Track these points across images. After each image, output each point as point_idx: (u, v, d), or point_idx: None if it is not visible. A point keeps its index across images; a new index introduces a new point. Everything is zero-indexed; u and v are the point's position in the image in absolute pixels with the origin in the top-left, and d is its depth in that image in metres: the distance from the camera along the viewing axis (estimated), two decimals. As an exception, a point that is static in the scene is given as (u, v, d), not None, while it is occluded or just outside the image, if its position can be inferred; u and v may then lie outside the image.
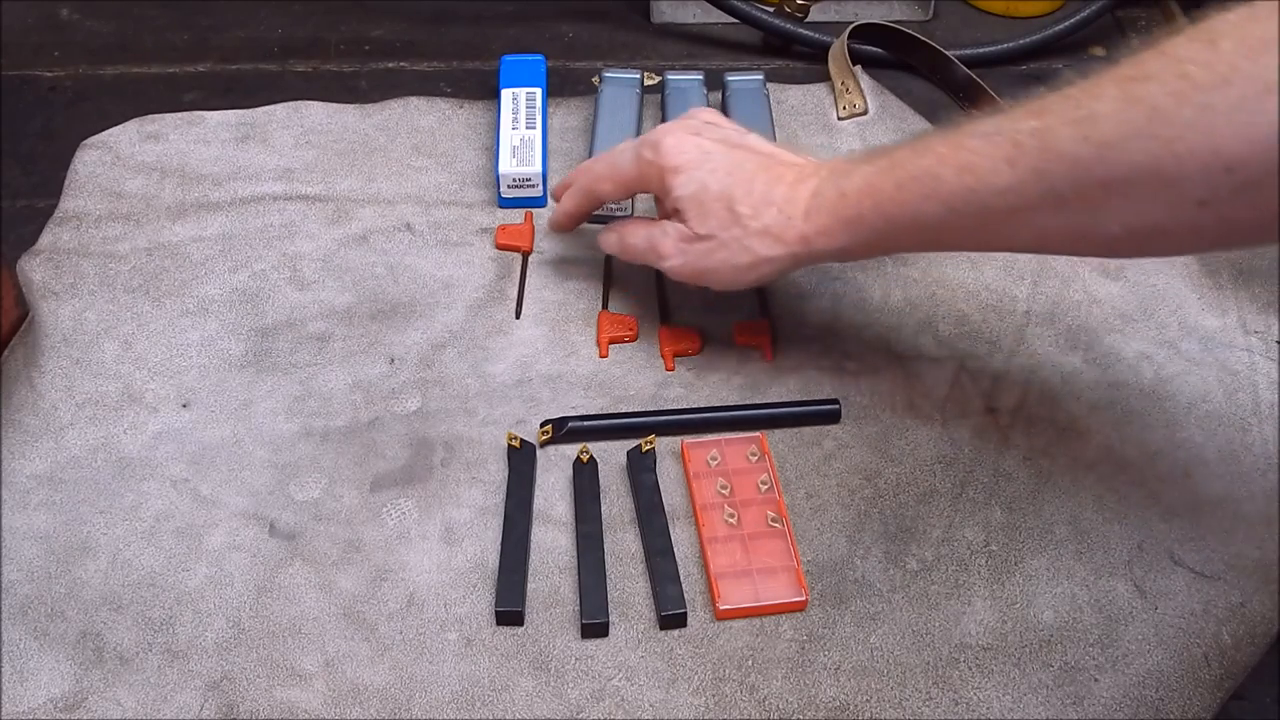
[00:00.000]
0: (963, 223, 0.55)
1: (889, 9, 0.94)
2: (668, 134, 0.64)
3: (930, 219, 0.55)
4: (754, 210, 0.61)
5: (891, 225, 0.57)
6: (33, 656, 0.55)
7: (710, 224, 0.62)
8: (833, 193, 0.59)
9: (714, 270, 0.63)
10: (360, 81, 0.88)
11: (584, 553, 0.59)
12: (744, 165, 0.62)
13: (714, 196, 0.62)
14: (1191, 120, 0.45)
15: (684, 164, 0.62)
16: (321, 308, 0.71)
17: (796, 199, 0.60)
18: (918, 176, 0.55)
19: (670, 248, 0.64)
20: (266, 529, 0.60)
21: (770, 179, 0.61)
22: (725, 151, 0.63)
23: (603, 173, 0.67)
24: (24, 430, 0.64)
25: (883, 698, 0.54)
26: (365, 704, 0.54)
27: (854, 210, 0.58)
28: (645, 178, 0.65)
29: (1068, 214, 0.51)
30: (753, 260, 0.61)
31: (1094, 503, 0.62)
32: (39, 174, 0.79)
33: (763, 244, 0.61)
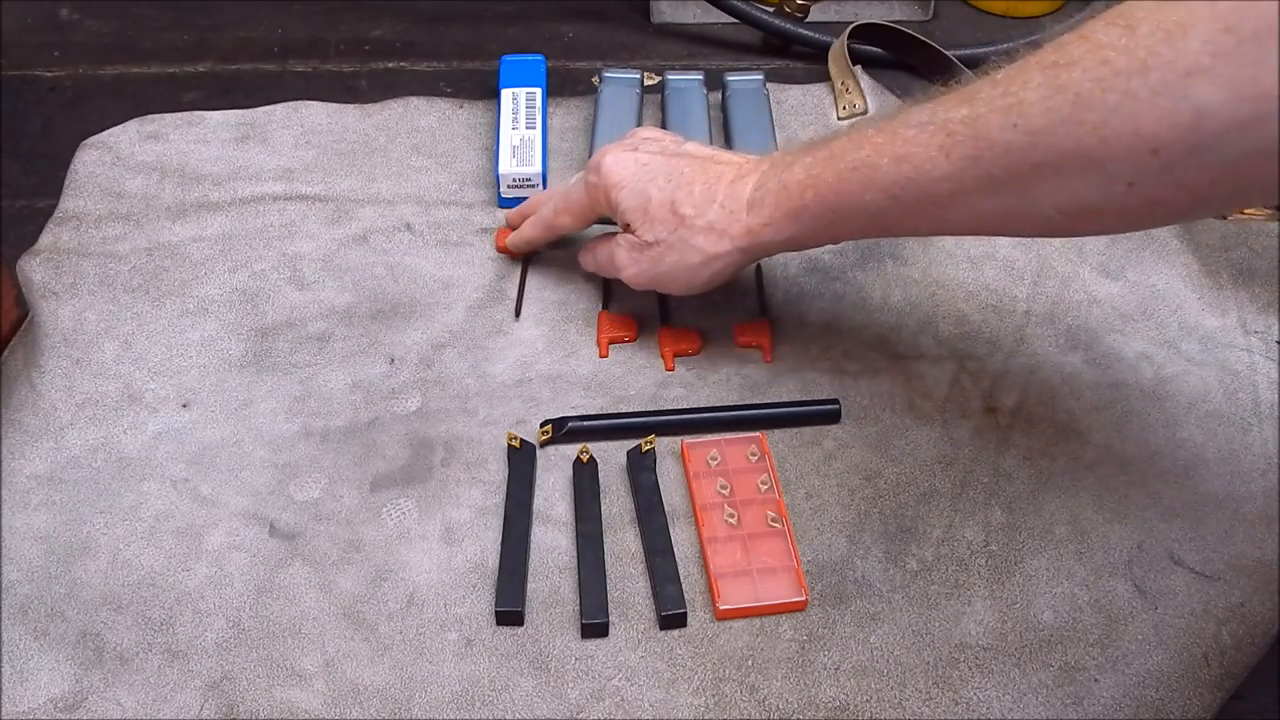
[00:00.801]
0: (904, 209, 0.56)
1: (889, 9, 0.94)
2: (606, 154, 0.66)
3: (872, 207, 0.57)
4: (697, 210, 0.62)
5: (835, 214, 0.58)
6: (33, 656, 0.55)
7: (657, 230, 0.63)
8: (775, 185, 0.60)
9: (668, 274, 0.64)
10: (360, 81, 0.88)
11: (584, 553, 0.59)
12: (683, 171, 0.63)
13: (657, 204, 0.63)
14: (1115, 106, 0.47)
15: (624, 178, 0.64)
16: (321, 308, 0.71)
17: (738, 194, 0.62)
18: (856, 167, 0.56)
19: (624, 258, 0.66)
20: (266, 529, 0.60)
21: (710, 179, 0.63)
22: (663, 161, 0.64)
23: (559, 206, 0.69)
24: (24, 430, 0.64)
25: (883, 698, 0.54)
26: (365, 704, 0.54)
27: (796, 201, 0.59)
28: (595, 201, 0.67)
29: (1003, 197, 0.52)
30: (702, 258, 0.63)
31: (1094, 503, 0.62)
32: (39, 174, 0.79)
33: (709, 241, 0.62)
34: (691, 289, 0.65)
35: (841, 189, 0.57)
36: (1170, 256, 0.74)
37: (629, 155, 0.65)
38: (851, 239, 0.66)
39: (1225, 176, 0.47)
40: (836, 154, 0.58)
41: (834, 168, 0.58)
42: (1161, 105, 0.45)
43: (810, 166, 0.59)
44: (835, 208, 0.58)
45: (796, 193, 0.59)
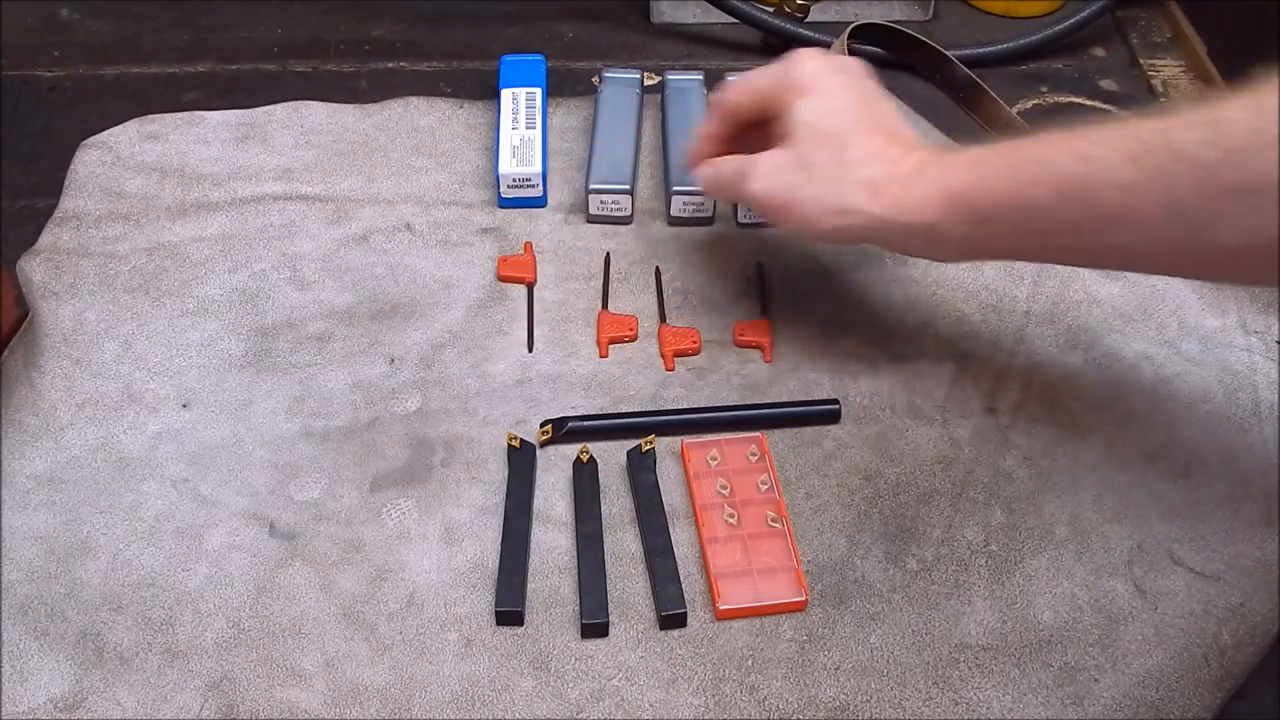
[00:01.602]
0: (1070, 216, 0.52)
1: (889, 9, 0.94)
2: (813, 58, 0.62)
3: (1036, 206, 0.53)
4: (864, 158, 0.58)
5: (994, 205, 0.54)
6: (33, 656, 0.55)
7: (816, 154, 0.59)
8: (940, 165, 0.57)
9: (799, 204, 0.60)
10: (360, 81, 0.88)
11: (584, 553, 0.59)
12: (870, 118, 0.60)
13: (829, 132, 0.59)
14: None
15: (818, 89, 0.61)
16: (321, 308, 0.71)
17: (905, 162, 0.58)
18: (1031, 159, 0.53)
19: (764, 170, 0.61)
20: (266, 529, 0.60)
21: (889, 140, 0.59)
22: (859, 99, 0.61)
23: (738, 84, 0.65)
24: (24, 430, 0.64)
25: (883, 698, 0.54)
26: (365, 704, 0.54)
27: (957, 183, 0.55)
28: (774, 89, 0.62)
29: (1183, 221, 0.49)
30: (843, 206, 0.58)
31: (1094, 503, 0.62)
32: (39, 174, 0.79)
33: (859, 194, 0.58)
34: (809, 230, 0.61)
35: (1009, 177, 0.54)
36: (1170, 256, 0.74)
37: (832, 72, 0.61)
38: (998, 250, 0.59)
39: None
40: (1013, 145, 0.54)
41: (1006, 156, 0.54)
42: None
43: (982, 153, 0.56)
44: (995, 197, 0.54)
45: (959, 172, 0.56)
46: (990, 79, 0.85)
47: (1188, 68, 0.91)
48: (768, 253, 0.75)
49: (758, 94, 0.64)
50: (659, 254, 0.75)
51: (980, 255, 0.60)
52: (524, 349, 0.69)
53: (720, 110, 0.67)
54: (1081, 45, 0.92)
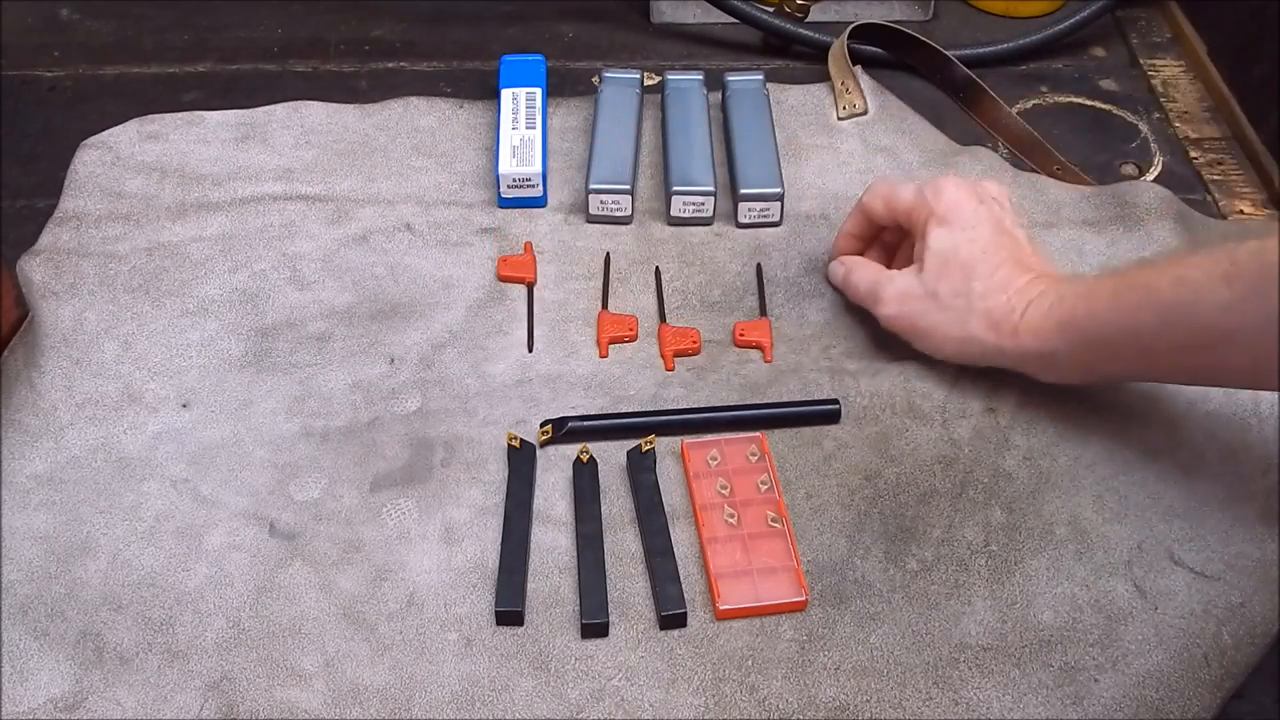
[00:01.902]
0: (1177, 338, 0.54)
1: (889, 9, 0.94)
2: (955, 188, 0.65)
3: (1143, 330, 0.56)
4: (986, 291, 0.62)
5: (1103, 331, 0.57)
6: (33, 656, 0.55)
7: (942, 285, 0.63)
8: (1054, 295, 0.60)
9: (924, 331, 0.64)
10: (360, 81, 0.88)
11: (584, 553, 0.59)
12: (1000, 249, 0.63)
13: (959, 263, 0.63)
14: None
15: (952, 219, 0.64)
16: (321, 308, 0.71)
17: (1026, 293, 0.61)
18: (1135, 285, 0.56)
19: (892, 295, 0.65)
20: (266, 529, 0.60)
21: (1014, 269, 0.62)
22: (992, 229, 0.64)
23: (882, 192, 0.68)
24: (24, 430, 0.64)
25: (883, 698, 0.54)
26: (365, 704, 0.54)
27: (1068, 312, 0.59)
28: (913, 212, 0.66)
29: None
30: (964, 336, 0.62)
31: (1094, 503, 0.62)
32: (39, 174, 0.79)
33: (979, 325, 0.62)
34: (934, 354, 0.65)
35: (1116, 303, 0.57)
36: (1170, 256, 0.74)
37: (972, 203, 0.64)
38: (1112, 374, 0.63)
39: None
40: (1119, 272, 0.58)
41: (1112, 283, 0.57)
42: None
43: (1091, 282, 0.59)
44: (1104, 324, 0.57)
45: (1071, 302, 0.59)
46: (990, 79, 0.85)
47: (1188, 68, 0.91)
48: (767, 253, 0.75)
49: (897, 210, 0.67)
50: (659, 254, 0.75)
51: (1096, 377, 0.63)
52: (524, 349, 0.69)
53: (860, 213, 0.70)
54: (1081, 45, 0.92)
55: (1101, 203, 0.77)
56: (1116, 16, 0.94)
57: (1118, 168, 0.83)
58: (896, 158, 0.81)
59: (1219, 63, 0.88)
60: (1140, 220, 0.76)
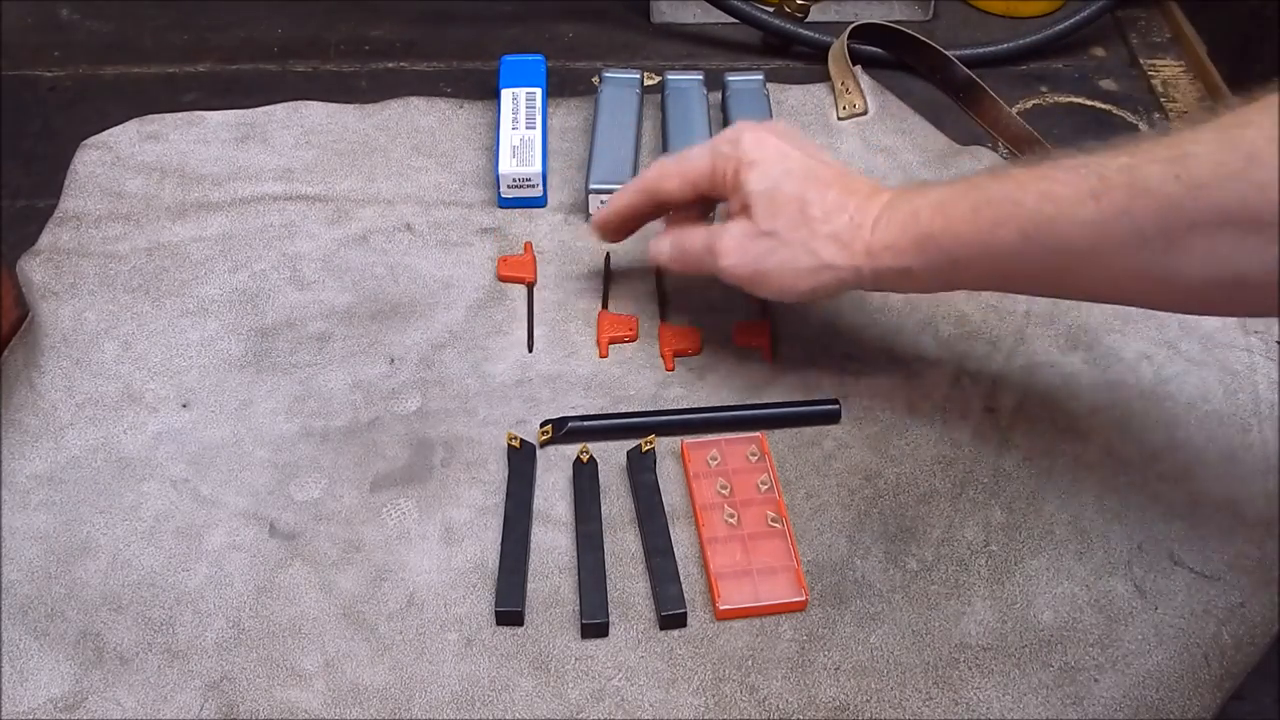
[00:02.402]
0: (1037, 254, 0.53)
1: (889, 9, 0.94)
2: (746, 130, 0.62)
3: (1004, 247, 0.54)
4: (825, 214, 0.59)
5: (962, 247, 0.55)
6: (33, 656, 0.55)
7: (778, 221, 0.60)
8: (905, 208, 0.57)
9: (773, 272, 0.61)
10: (360, 81, 0.88)
11: (584, 553, 0.59)
12: (820, 173, 0.61)
13: (787, 195, 0.60)
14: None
15: (761, 159, 0.61)
16: (321, 308, 0.71)
17: (868, 209, 0.58)
18: (995, 200, 0.54)
19: (729, 244, 0.61)
20: (266, 529, 0.60)
21: (844, 189, 0.60)
22: (803, 156, 0.61)
23: (670, 168, 0.65)
24: (24, 430, 0.64)
25: (883, 698, 0.54)
26: (365, 704, 0.54)
27: (925, 228, 0.56)
28: (717, 172, 0.62)
29: (1149, 255, 0.49)
30: (815, 264, 0.59)
31: (1094, 503, 0.62)
32: (39, 174, 0.79)
33: (829, 249, 0.59)
34: (786, 294, 0.61)
35: (975, 219, 0.54)
36: (1170, 256, 0.74)
37: (771, 139, 0.62)
38: (971, 287, 0.61)
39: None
40: (975, 185, 0.55)
41: (971, 197, 0.55)
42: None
43: (945, 194, 0.56)
44: (964, 240, 0.55)
45: (926, 218, 0.56)
46: (990, 79, 0.85)
47: (1188, 68, 0.91)
48: (768, 253, 0.75)
49: (694, 179, 0.64)
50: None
51: (954, 289, 0.61)
52: (524, 349, 0.69)
53: (645, 192, 0.66)
54: (1081, 45, 0.92)
55: (1101, 203, 0.77)
56: (1116, 16, 0.94)
57: (1118, 168, 0.83)
58: (896, 158, 0.81)
59: (1219, 63, 0.88)
60: (1140, 220, 0.76)
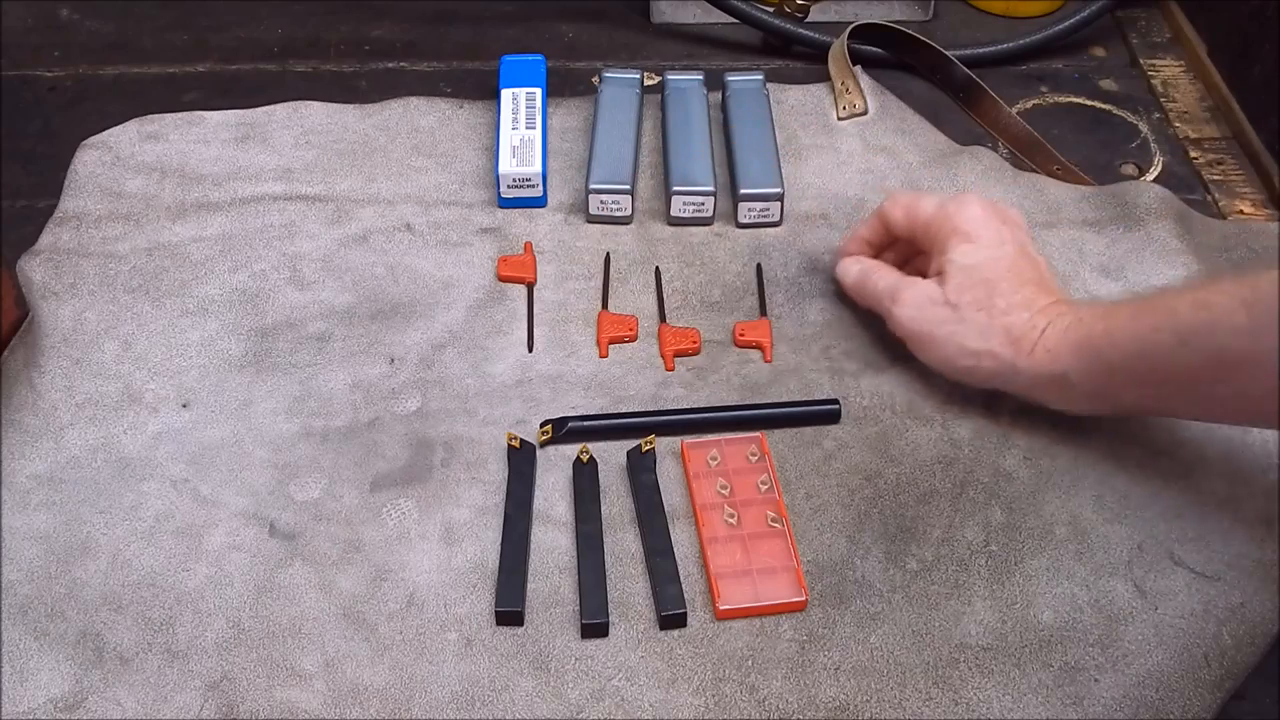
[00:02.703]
0: (1191, 360, 0.54)
1: (889, 9, 0.94)
2: (979, 205, 0.65)
3: (1159, 352, 0.55)
4: (1009, 306, 0.61)
5: (1118, 352, 0.57)
6: (33, 656, 0.55)
7: (965, 297, 0.62)
8: (1072, 317, 0.60)
9: (939, 340, 0.63)
10: (360, 81, 0.88)
11: (584, 553, 0.59)
12: (1023, 270, 0.63)
13: (983, 278, 0.62)
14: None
15: (977, 235, 0.63)
16: (321, 308, 0.71)
17: (1048, 313, 0.60)
18: (1154, 308, 0.56)
19: (912, 300, 0.64)
20: (266, 529, 0.60)
21: (1038, 290, 0.62)
22: (1015, 248, 0.63)
23: (904, 201, 0.67)
24: (24, 430, 0.64)
25: (883, 698, 0.54)
26: (365, 704, 0.54)
27: (1085, 332, 0.58)
28: (934, 226, 0.65)
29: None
30: (980, 348, 0.61)
31: (1094, 503, 0.62)
32: (39, 174, 0.79)
33: (997, 339, 0.61)
34: (944, 367, 0.64)
35: (1133, 323, 0.56)
36: (1170, 256, 0.74)
37: (995, 221, 0.64)
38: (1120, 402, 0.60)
39: None
40: (1141, 296, 0.58)
41: (1133, 306, 0.57)
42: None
43: (1113, 305, 0.59)
44: (1120, 345, 0.57)
45: (1089, 323, 0.58)
46: (990, 79, 0.85)
47: (1188, 68, 0.91)
48: (767, 253, 0.75)
49: (916, 221, 0.67)
50: (659, 254, 0.75)
51: (1109, 405, 0.61)
52: (524, 349, 0.69)
53: (878, 219, 0.69)
54: (1081, 45, 0.92)
55: (1101, 203, 0.77)
56: (1116, 16, 0.94)
57: (1118, 168, 0.83)
58: (896, 158, 0.81)
59: (1219, 63, 0.88)
60: (1140, 220, 0.76)
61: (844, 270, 0.70)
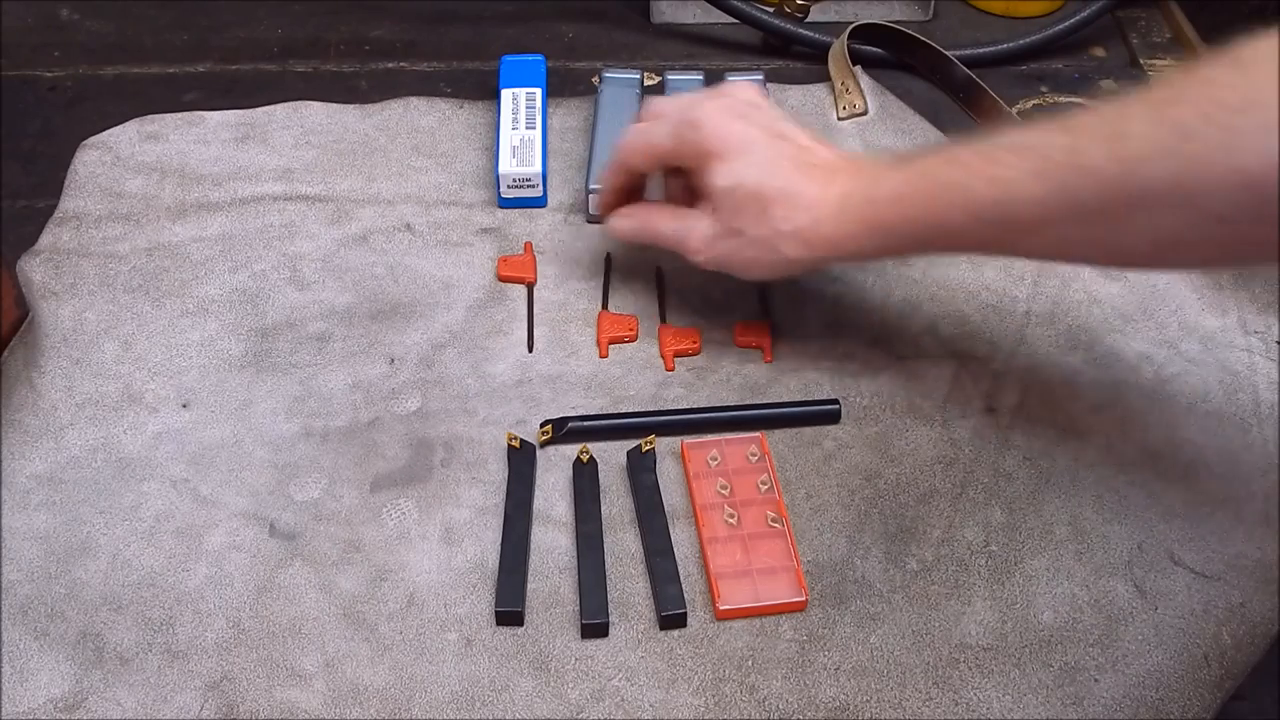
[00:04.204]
0: (988, 232, 0.56)
1: (889, 9, 0.94)
2: (710, 114, 0.63)
3: (956, 227, 0.57)
4: (786, 213, 0.61)
5: (918, 232, 0.58)
6: (33, 656, 0.55)
7: (741, 220, 0.62)
8: (861, 199, 0.60)
9: (740, 265, 0.64)
10: (360, 81, 0.88)
11: (584, 553, 0.59)
12: (780, 161, 0.62)
13: (748, 193, 0.61)
14: (1217, 139, 0.47)
15: (725, 151, 0.62)
16: (321, 308, 0.71)
17: (827, 200, 0.60)
18: (948, 186, 0.56)
19: (699, 242, 0.64)
20: (266, 529, 0.60)
21: (804, 178, 0.61)
22: (766, 140, 0.62)
23: (636, 145, 0.67)
24: (24, 430, 0.64)
25: (883, 698, 0.54)
26: (365, 704, 0.54)
27: (882, 218, 0.59)
28: (681, 155, 0.64)
29: (1091, 227, 0.52)
30: (779, 259, 0.62)
31: (1094, 503, 0.62)
32: (39, 174, 0.79)
33: (791, 246, 0.61)
34: (755, 279, 0.66)
35: (930, 208, 0.57)
36: (1170, 256, 0.74)
37: (735, 124, 0.63)
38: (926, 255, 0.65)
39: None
40: (928, 172, 0.58)
41: (924, 186, 0.58)
42: (1264, 143, 0.46)
43: (899, 185, 0.59)
44: (921, 225, 0.58)
45: (884, 208, 0.59)
46: (990, 79, 0.85)
47: (1188, 68, 0.91)
48: (768, 253, 0.75)
49: (660, 156, 0.66)
50: (659, 254, 0.75)
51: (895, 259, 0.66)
52: (524, 349, 0.69)
53: (621, 169, 0.68)
54: (1081, 45, 0.92)
55: (1101, 203, 0.77)
56: (1116, 16, 0.94)
57: (1118, 168, 0.83)
58: (896, 158, 0.81)
59: (1219, 63, 0.88)
60: (1140, 220, 0.76)
61: (615, 227, 0.69)
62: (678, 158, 0.65)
